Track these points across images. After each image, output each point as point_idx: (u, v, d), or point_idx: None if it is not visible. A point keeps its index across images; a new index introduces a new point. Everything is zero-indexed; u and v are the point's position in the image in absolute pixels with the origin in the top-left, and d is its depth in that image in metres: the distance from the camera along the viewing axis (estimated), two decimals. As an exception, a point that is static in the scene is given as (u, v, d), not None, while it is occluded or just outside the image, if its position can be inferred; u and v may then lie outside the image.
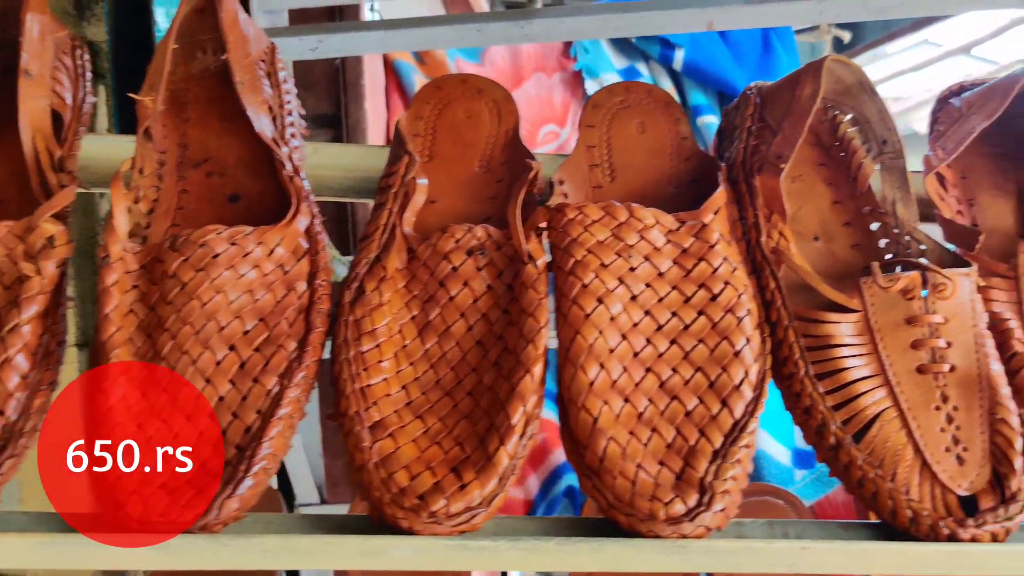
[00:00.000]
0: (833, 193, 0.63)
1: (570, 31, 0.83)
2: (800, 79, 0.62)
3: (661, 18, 0.82)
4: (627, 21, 0.82)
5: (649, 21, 0.82)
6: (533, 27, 0.83)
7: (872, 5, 0.81)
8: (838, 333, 0.52)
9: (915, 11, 0.80)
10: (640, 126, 0.65)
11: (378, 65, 1.19)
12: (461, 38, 0.84)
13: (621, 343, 0.50)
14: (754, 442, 0.49)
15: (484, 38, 0.83)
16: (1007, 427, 0.49)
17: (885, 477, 0.48)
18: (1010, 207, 0.64)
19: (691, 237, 0.54)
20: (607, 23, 0.82)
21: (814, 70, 0.61)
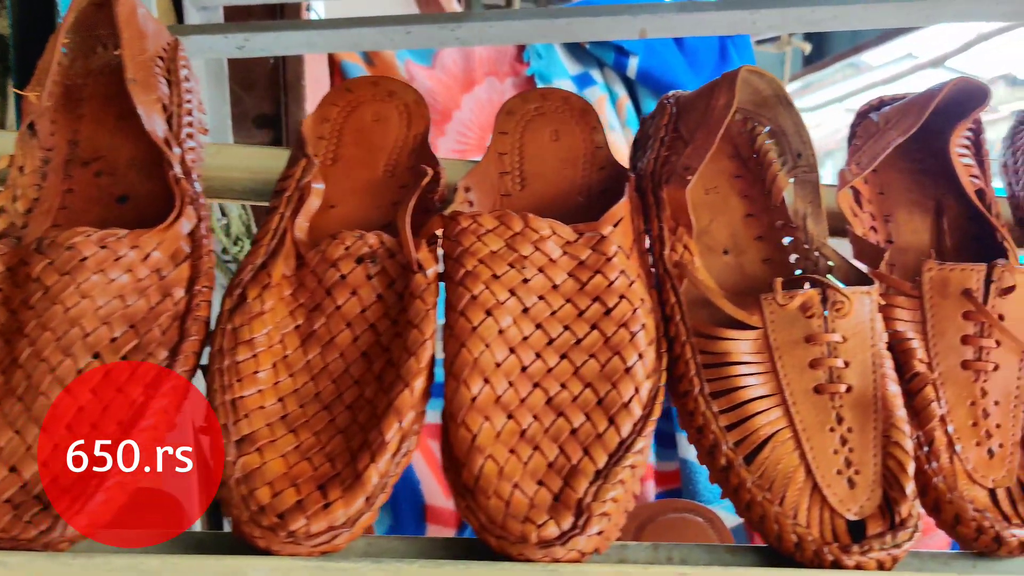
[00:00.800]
0: (747, 206, 0.62)
1: (500, 35, 0.81)
2: (715, 89, 0.61)
3: (593, 24, 0.81)
4: (558, 27, 0.81)
5: (580, 27, 0.80)
6: (463, 30, 0.81)
7: (806, 18, 0.80)
8: (736, 350, 0.51)
9: (848, 24, 0.79)
10: (554, 134, 0.64)
11: (321, 66, 1.17)
12: (390, 40, 0.83)
13: (509, 357, 0.49)
14: (642, 462, 0.48)
15: (413, 40, 0.82)
16: (900, 450, 0.48)
17: (773, 500, 0.47)
18: (926, 224, 0.63)
19: (588, 249, 0.52)
20: (537, 28, 0.81)
21: (729, 81, 0.60)
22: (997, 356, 0.52)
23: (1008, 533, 0.47)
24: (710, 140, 0.58)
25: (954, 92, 0.62)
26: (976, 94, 0.61)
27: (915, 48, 2.58)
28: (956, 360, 0.52)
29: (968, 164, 0.62)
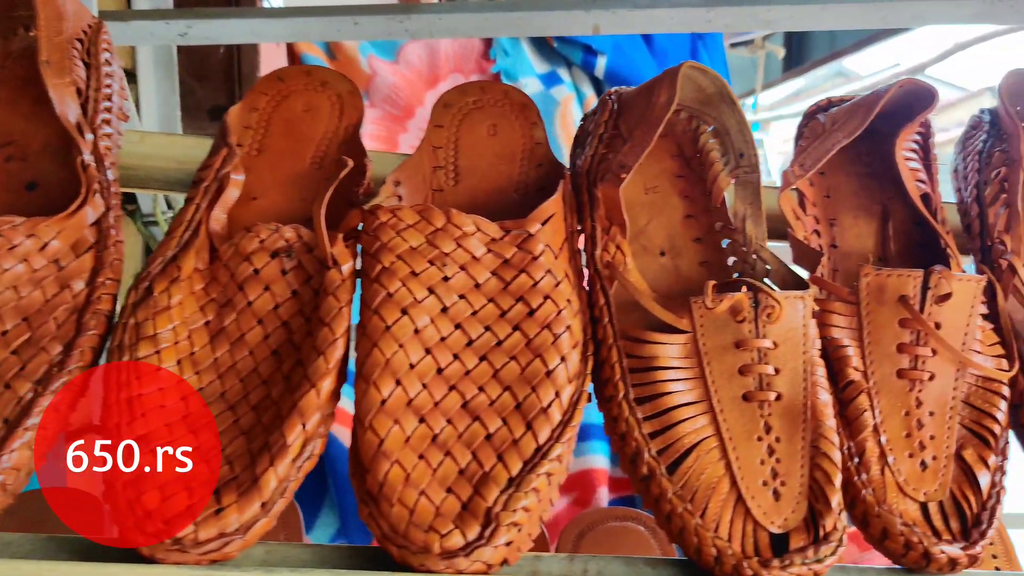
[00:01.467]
0: (687, 207, 0.60)
1: (451, 28, 0.79)
2: (656, 86, 0.59)
3: (545, 19, 0.79)
4: (510, 20, 0.79)
5: (532, 21, 0.79)
6: (412, 22, 0.79)
7: (761, 16, 0.78)
8: (663, 355, 0.49)
9: (804, 24, 0.77)
10: (492, 128, 0.62)
11: (280, 58, 1.14)
12: (337, 30, 0.80)
13: (424, 358, 0.46)
14: (560, 469, 0.45)
15: (361, 31, 0.80)
16: (828, 461, 0.46)
17: (694, 512, 0.45)
18: (872, 229, 0.62)
19: (514, 247, 0.50)
20: (489, 21, 0.79)
21: (670, 77, 0.58)
22: (933, 365, 0.50)
23: (937, 549, 0.45)
24: (648, 138, 0.56)
25: (901, 94, 0.61)
26: (924, 96, 0.60)
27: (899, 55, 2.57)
28: (891, 369, 0.51)
29: (915, 168, 0.61)
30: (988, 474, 0.48)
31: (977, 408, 0.50)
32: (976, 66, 2.43)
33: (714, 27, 0.77)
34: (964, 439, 0.50)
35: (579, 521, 0.72)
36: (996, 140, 0.65)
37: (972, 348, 0.51)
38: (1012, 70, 0.64)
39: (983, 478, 0.48)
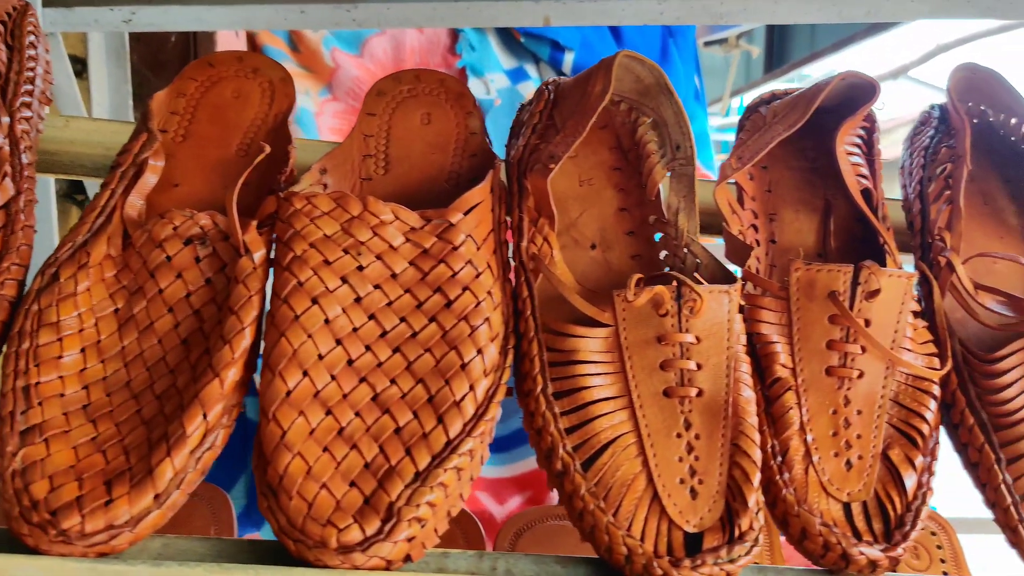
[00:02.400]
0: (622, 200, 0.59)
1: (399, 18, 0.78)
2: (592, 76, 0.58)
3: (494, 9, 0.78)
4: (458, 11, 0.77)
5: (482, 12, 0.77)
6: (360, 12, 0.78)
7: (713, 9, 0.77)
8: (584, 348, 0.48)
9: (756, 18, 0.76)
10: (425, 117, 0.61)
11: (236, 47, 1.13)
12: (284, 19, 0.79)
13: (334, 349, 0.45)
14: (471, 464, 0.44)
15: (308, 20, 0.78)
16: (747, 460, 0.45)
17: (607, 510, 0.44)
18: (813, 224, 0.61)
19: (434, 237, 0.49)
20: (437, 12, 0.77)
21: (606, 67, 0.57)
22: (862, 363, 0.49)
23: (856, 550, 0.44)
24: (581, 128, 0.55)
25: (843, 87, 0.60)
26: (865, 89, 0.59)
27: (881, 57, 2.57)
28: (820, 366, 0.50)
29: (857, 163, 0.60)
30: (914, 475, 0.47)
31: (906, 407, 0.49)
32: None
33: (665, 19, 0.76)
34: (892, 438, 0.49)
35: (518, 519, 0.71)
36: (944, 136, 0.64)
37: (903, 346, 0.50)
38: (961, 64, 0.63)
39: (909, 479, 0.47)
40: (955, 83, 0.63)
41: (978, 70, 0.63)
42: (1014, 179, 0.64)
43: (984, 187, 0.64)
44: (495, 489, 1.05)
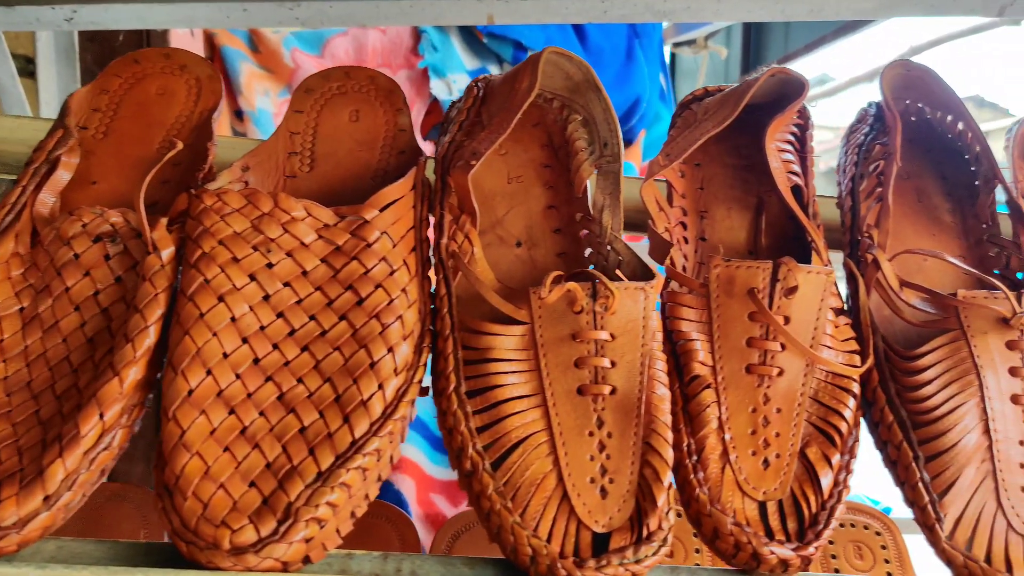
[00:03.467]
0: (550, 197, 0.58)
1: (342, 16, 0.77)
2: (520, 72, 0.57)
3: (437, 8, 0.77)
4: (401, 9, 0.77)
5: (425, 10, 0.77)
6: (302, 10, 0.77)
7: (657, 7, 0.77)
8: (499, 346, 0.47)
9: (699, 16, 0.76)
10: (354, 114, 0.60)
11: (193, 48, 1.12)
12: (226, 17, 0.79)
13: (240, 348, 0.44)
14: (377, 464, 0.44)
15: (250, 19, 0.78)
16: (658, 458, 0.44)
17: (513, 510, 0.43)
18: (745, 222, 0.60)
19: (347, 234, 0.48)
20: (379, 10, 0.77)
21: (533, 63, 0.56)
22: (782, 360, 0.49)
23: (766, 550, 0.43)
24: (505, 125, 0.54)
25: (773, 83, 0.59)
26: (795, 86, 0.58)
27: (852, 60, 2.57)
28: (740, 363, 0.49)
29: (789, 160, 0.59)
30: (831, 473, 0.47)
31: (825, 405, 0.49)
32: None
33: (609, 17, 0.76)
34: (810, 436, 0.48)
35: (456, 521, 0.70)
36: (879, 133, 0.64)
37: (823, 343, 0.50)
38: (893, 61, 0.63)
39: (825, 478, 0.47)
40: (889, 80, 0.63)
41: (912, 67, 0.62)
42: (950, 176, 0.64)
43: (920, 184, 0.64)
44: (450, 492, 1.04)
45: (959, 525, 0.46)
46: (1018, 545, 0.45)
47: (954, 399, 0.48)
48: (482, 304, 0.51)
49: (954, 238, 0.61)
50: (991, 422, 0.47)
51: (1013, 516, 0.46)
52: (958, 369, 0.48)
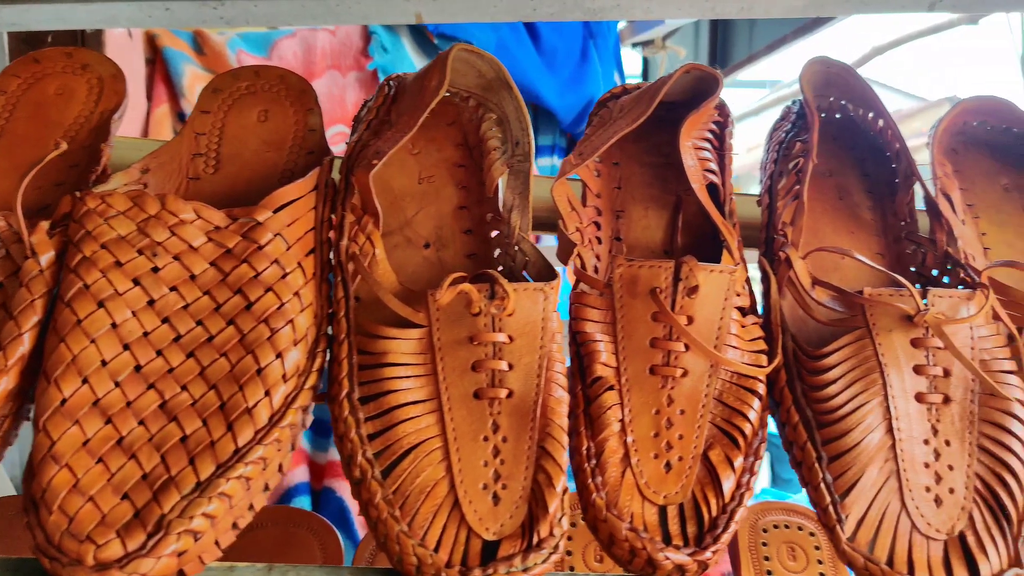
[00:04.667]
0: (463, 197, 0.57)
1: (267, 15, 0.76)
2: (430, 70, 0.56)
3: (365, 7, 0.76)
4: (327, 8, 0.76)
5: (351, 9, 0.76)
6: (226, 9, 0.76)
7: (586, 5, 0.76)
8: (395, 351, 0.46)
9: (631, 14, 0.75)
10: (263, 114, 0.59)
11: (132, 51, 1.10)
12: (148, 16, 0.77)
13: (120, 355, 0.43)
14: (263, 473, 0.42)
15: (173, 18, 0.76)
16: (552, 463, 0.43)
17: (401, 518, 0.42)
18: (663, 221, 0.59)
19: (238, 236, 0.47)
20: (305, 9, 0.76)
21: (442, 61, 0.55)
22: (686, 361, 0.48)
23: (661, 555, 0.42)
24: (412, 123, 0.53)
25: (689, 80, 0.59)
26: (709, 82, 0.58)
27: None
28: (644, 364, 0.48)
29: (706, 158, 0.59)
30: (733, 476, 0.46)
31: (729, 406, 0.48)
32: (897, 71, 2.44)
33: (539, 16, 0.75)
34: (714, 438, 0.47)
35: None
36: (800, 131, 0.63)
37: (728, 343, 0.49)
38: (812, 59, 0.62)
39: (727, 481, 0.46)
40: (809, 77, 0.62)
41: (831, 64, 0.62)
42: (872, 174, 0.64)
43: (842, 181, 0.63)
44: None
45: (862, 526, 0.45)
46: (922, 546, 0.45)
47: (857, 398, 0.47)
48: (384, 308, 0.49)
49: (873, 235, 0.60)
50: (895, 421, 0.46)
51: (917, 517, 0.45)
52: (862, 368, 0.48)
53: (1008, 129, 0.65)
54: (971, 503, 0.45)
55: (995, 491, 0.45)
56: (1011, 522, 0.45)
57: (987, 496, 0.45)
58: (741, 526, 0.74)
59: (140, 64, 1.10)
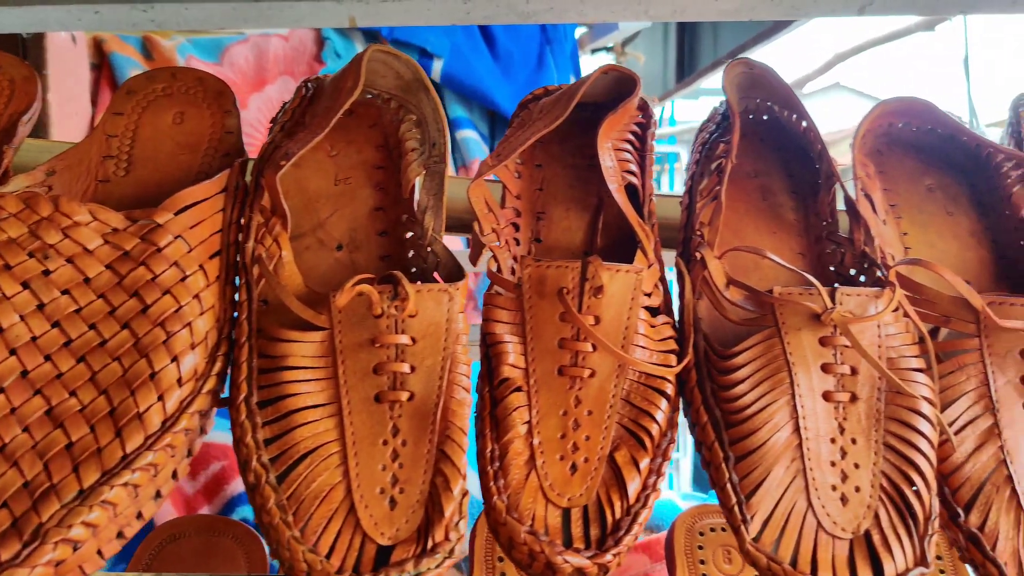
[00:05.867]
0: (379, 199, 0.56)
1: (198, 19, 0.75)
2: (346, 71, 0.56)
3: (295, 10, 0.75)
4: (259, 12, 0.75)
5: (283, 13, 0.75)
6: (156, 12, 0.75)
7: (519, 8, 0.75)
8: (295, 354, 0.45)
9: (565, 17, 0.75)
10: (178, 116, 0.58)
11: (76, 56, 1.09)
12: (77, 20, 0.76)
13: (6, 361, 0.42)
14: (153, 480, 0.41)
15: (103, 22, 0.75)
16: (450, 466, 0.43)
17: (293, 524, 0.41)
18: (583, 223, 0.59)
19: (136, 239, 0.46)
20: (237, 12, 0.75)
21: (357, 62, 0.55)
22: (593, 362, 0.48)
23: (560, 559, 0.42)
24: (324, 125, 0.52)
25: (608, 82, 0.58)
26: (627, 83, 0.58)
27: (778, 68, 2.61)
28: (553, 365, 0.48)
29: (626, 159, 0.58)
30: (638, 478, 0.45)
31: (636, 407, 0.47)
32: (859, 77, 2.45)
33: (472, 19, 0.74)
34: (621, 439, 0.47)
35: (163, 530, 0.67)
36: (724, 131, 0.63)
37: (636, 343, 0.48)
38: (735, 61, 0.62)
39: (632, 482, 0.45)
40: (732, 79, 0.62)
41: (754, 65, 0.62)
42: (797, 174, 0.64)
43: (767, 182, 0.63)
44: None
45: (767, 526, 0.44)
46: (827, 545, 0.44)
47: (764, 398, 0.47)
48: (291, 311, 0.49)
49: (795, 235, 0.60)
50: (801, 420, 0.46)
51: (823, 516, 0.45)
52: (770, 367, 0.47)
53: (933, 130, 0.65)
54: (877, 501, 0.45)
55: (901, 489, 0.45)
56: (917, 520, 0.45)
57: (893, 494, 0.45)
58: (678, 530, 0.74)
59: (85, 69, 1.09)
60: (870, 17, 0.75)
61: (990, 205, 0.63)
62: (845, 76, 2.56)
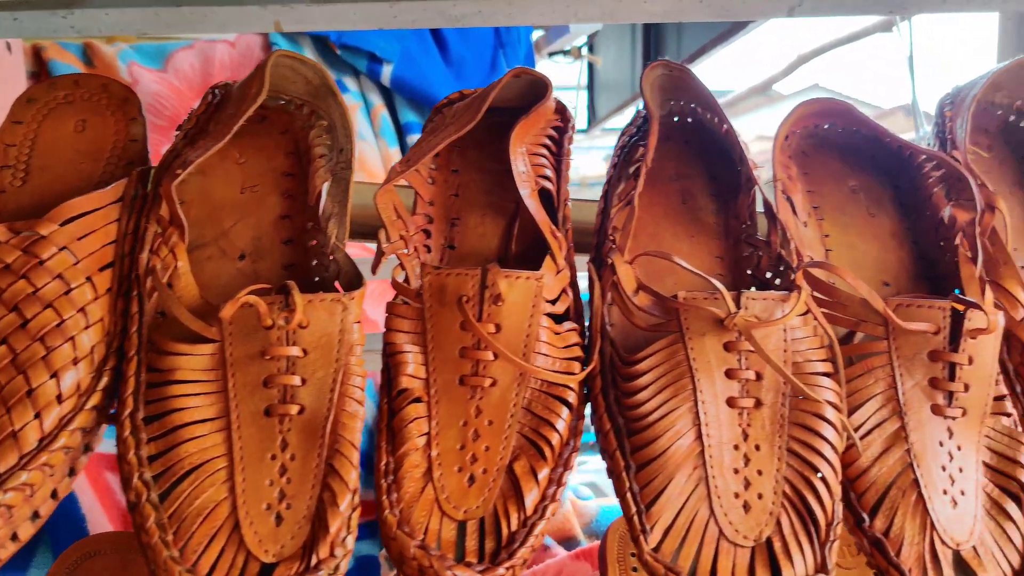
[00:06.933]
0: (286, 207, 0.55)
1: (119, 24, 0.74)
2: (252, 77, 0.55)
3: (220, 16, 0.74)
4: (181, 16, 0.74)
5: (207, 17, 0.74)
6: (76, 18, 0.74)
7: (447, 12, 0.74)
8: (184, 367, 0.44)
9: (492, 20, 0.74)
10: (80, 124, 0.57)
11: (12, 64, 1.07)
12: (-7, 27, 0.75)
13: None
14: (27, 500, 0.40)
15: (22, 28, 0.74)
16: (339, 481, 0.42)
17: (174, 543, 0.40)
18: (499, 228, 0.58)
19: (18, 251, 0.45)
20: (159, 17, 0.74)
21: (262, 68, 0.54)
22: (495, 371, 0.47)
23: (449, 573, 0.41)
24: (225, 132, 0.51)
25: (521, 85, 0.58)
26: (538, 87, 0.57)
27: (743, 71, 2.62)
28: (454, 375, 0.47)
29: (541, 164, 0.57)
30: (536, 489, 0.44)
31: (537, 416, 0.46)
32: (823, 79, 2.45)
33: (399, 23, 0.73)
34: (521, 449, 0.46)
35: (80, 547, 0.66)
36: (644, 135, 0.62)
37: (537, 351, 0.47)
38: (654, 63, 0.62)
39: (530, 494, 0.44)
40: (651, 81, 0.62)
41: (672, 67, 0.61)
42: (720, 177, 0.63)
43: (688, 185, 0.63)
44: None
45: (668, 534, 0.44)
46: (728, 554, 0.43)
47: (667, 404, 0.46)
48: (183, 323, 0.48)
49: (714, 238, 0.59)
50: (704, 427, 0.45)
51: (725, 523, 0.44)
52: (673, 373, 0.46)
53: (857, 131, 0.65)
54: (779, 508, 0.44)
55: (803, 495, 0.45)
56: (819, 527, 0.44)
57: (796, 500, 0.45)
58: (611, 537, 0.73)
59: (21, 77, 1.07)
60: (819, 18, 0.75)
61: (912, 206, 0.62)
62: (823, 78, 2.58)
